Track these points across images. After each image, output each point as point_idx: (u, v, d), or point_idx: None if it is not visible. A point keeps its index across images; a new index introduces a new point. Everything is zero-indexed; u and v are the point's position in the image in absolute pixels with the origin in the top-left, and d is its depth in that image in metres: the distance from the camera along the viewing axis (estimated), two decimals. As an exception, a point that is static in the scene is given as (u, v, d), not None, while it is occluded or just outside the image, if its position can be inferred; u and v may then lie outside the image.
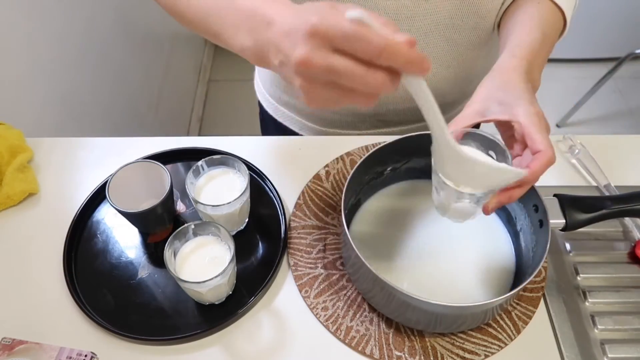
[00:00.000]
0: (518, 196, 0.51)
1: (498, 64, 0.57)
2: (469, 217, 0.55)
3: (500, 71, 0.55)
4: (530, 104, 0.51)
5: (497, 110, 0.52)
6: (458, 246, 0.65)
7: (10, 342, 0.55)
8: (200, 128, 1.98)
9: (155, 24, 1.55)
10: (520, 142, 0.53)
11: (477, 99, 0.54)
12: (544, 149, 0.49)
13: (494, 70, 0.56)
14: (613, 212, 0.58)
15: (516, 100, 0.52)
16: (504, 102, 0.52)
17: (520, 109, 0.51)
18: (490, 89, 0.54)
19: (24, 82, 0.89)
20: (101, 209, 0.70)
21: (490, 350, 0.58)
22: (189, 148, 0.75)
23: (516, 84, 0.53)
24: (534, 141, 0.49)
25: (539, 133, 0.49)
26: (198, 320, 0.60)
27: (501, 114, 0.52)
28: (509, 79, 0.54)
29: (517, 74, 0.54)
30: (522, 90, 0.53)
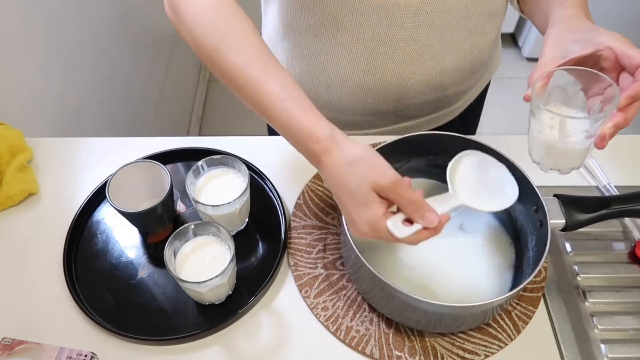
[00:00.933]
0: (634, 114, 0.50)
1: (557, 16, 0.58)
2: (580, 159, 0.54)
3: (562, 20, 0.56)
4: (610, 31, 0.52)
5: (577, 48, 0.52)
6: (458, 246, 0.65)
7: (10, 342, 0.55)
8: (200, 128, 1.98)
9: (155, 24, 1.55)
10: (612, 70, 0.52)
11: (550, 47, 0.54)
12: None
13: (555, 23, 0.57)
14: (613, 213, 0.58)
15: (593, 33, 0.52)
16: (581, 39, 0.53)
17: (604, 37, 0.51)
18: (560, 35, 0.55)
19: (24, 82, 0.89)
20: (101, 209, 0.70)
21: (490, 350, 0.58)
22: (189, 148, 0.75)
23: (585, 23, 0.55)
24: (631, 57, 0.50)
25: (633, 49, 0.50)
26: (198, 320, 0.60)
27: (584, 49, 0.52)
28: (575, 22, 0.55)
29: (580, 17, 0.56)
30: (594, 25, 0.54)
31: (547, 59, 0.53)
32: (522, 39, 2.24)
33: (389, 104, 0.77)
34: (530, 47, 2.18)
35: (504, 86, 1.99)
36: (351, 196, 0.49)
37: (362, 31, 0.67)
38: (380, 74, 0.72)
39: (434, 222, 0.48)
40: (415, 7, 0.64)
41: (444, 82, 0.75)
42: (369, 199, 0.48)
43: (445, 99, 0.80)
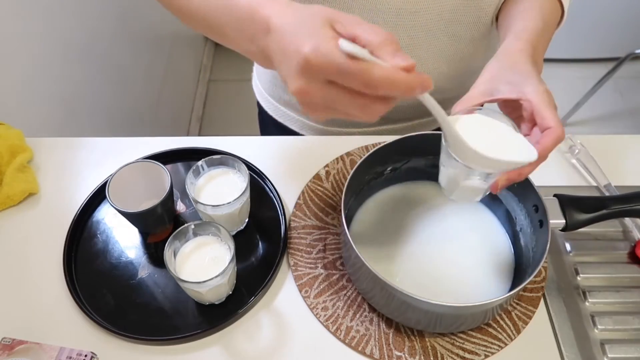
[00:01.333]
0: (528, 173, 0.51)
1: (504, 47, 0.57)
2: (477, 195, 0.55)
3: (506, 54, 0.56)
4: (539, 82, 0.52)
5: (506, 89, 0.52)
6: (458, 246, 0.65)
7: (10, 342, 0.55)
8: (200, 128, 1.98)
9: (155, 24, 1.55)
10: (528, 121, 0.52)
11: (484, 80, 0.54)
12: (554, 125, 0.49)
13: (499, 54, 0.56)
14: (613, 212, 0.58)
15: (525, 80, 0.52)
16: (512, 82, 0.52)
17: (529, 87, 0.51)
18: (497, 70, 0.54)
19: (24, 82, 0.89)
20: (101, 209, 0.70)
21: (490, 350, 0.58)
22: (189, 148, 0.75)
23: (523, 65, 0.54)
24: (544, 118, 0.49)
25: (548, 110, 0.50)
26: (198, 320, 0.60)
27: (509, 93, 0.52)
28: (516, 60, 0.55)
29: (523, 55, 0.55)
30: (530, 71, 0.53)
31: (475, 93, 0.53)
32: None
33: None
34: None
35: (504, 86, 1.99)
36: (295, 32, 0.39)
37: None
38: None
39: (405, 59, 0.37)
40: (397, 6, 0.64)
41: None
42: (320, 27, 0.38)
43: None
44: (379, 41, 0.37)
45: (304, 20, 0.39)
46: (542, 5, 0.63)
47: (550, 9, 0.63)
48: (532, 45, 0.56)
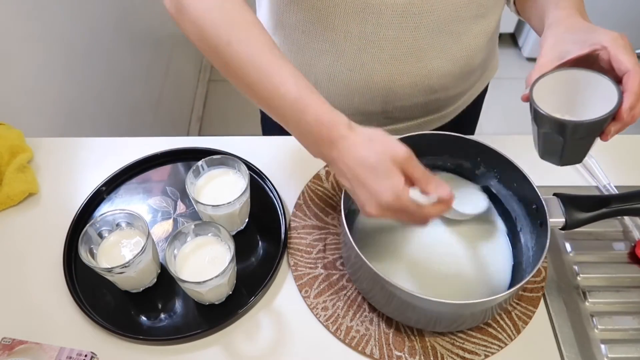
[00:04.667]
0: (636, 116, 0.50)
1: (553, 18, 0.58)
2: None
3: (559, 21, 0.56)
4: (608, 31, 0.52)
5: (576, 48, 0.52)
6: (458, 245, 0.65)
7: (10, 342, 0.55)
8: (200, 128, 1.98)
9: (155, 24, 1.55)
10: (609, 69, 0.52)
11: (548, 48, 0.54)
12: (631, 68, 0.49)
13: (552, 24, 0.57)
14: (613, 211, 0.58)
15: (591, 33, 0.52)
16: (579, 39, 0.52)
17: (601, 36, 0.51)
18: (557, 36, 0.55)
19: (24, 82, 0.89)
20: (101, 208, 0.70)
21: (490, 350, 0.58)
22: (189, 148, 0.75)
23: (582, 23, 0.55)
24: (620, 62, 0.49)
25: (624, 54, 0.50)
26: (198, 320, 0.60)
27: (581, 50, 0.52)
28: (572, 23, 0.55)
29: (576, 18, 0.56)
30: (591, 25, 0.54)
31: (546, 60, 0.53)
32: (522, 39, 2.24)
33: (377, 104, 0.77)
34: (530, 47, 2.18)
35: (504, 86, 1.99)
36: (372, 170, 0.49)
37: (349, 29, 0.67)
38: (367, 73, 0.72)
39: (447, 191, 0.50)
40: (402, 8, 0.64)
41: (433, 85, 0.75)
42: (392, 170, 0.49)
43: (435, 103, 0.79)
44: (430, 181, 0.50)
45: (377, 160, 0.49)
46: None
47: None
48: (577, 9, 0.58)
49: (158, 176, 0.74)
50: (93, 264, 0.56)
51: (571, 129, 0.50)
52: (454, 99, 0.83)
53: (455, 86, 0.78)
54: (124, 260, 0.57)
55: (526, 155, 0.61)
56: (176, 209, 0.70)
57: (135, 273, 0.58)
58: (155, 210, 0.70)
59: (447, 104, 0.82)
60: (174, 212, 0.70)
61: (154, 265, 0.61)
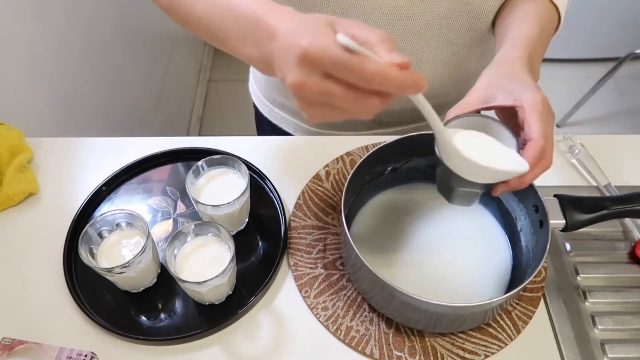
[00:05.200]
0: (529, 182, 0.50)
1: (500, 55, 0.57)
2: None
3: (503, 61, 0.56)
4: (536, 90, 0.51)
5: (502, 97, 0.52)
6: (458, 246, 0.65)
7: (10, 342, 0.55)
8: (200, 128, 1.98)
9: (155, 24, 1.55)
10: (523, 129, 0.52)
11: (480, 87, 0.54)
12: (536, 137, 0.48)
13: (496, 61, 0.56)
14: (613, 213, 0.58)
15: (522, 88, 0.52)
16: (509, 89, 0.52)
17: (526, 95, 0.51)
18: (494, 77, 0.54)
19: (24, 82, 0.89)
20: (101, 208, 0.70)
21: (490, 350, 0.58)
22: (189, 148, 0.75)
23: (520, 73, 0.54)
24: (530, 127, 0.49)
25: (537, 121, 0.49)
26: (198, 320, 0.60)
27: (505, 101, 0.52)
28: (513, 69, 0.54)
29: (520, 63, 0.55)
30: (527, 79, 0.53)
31: (472, 99, 0.53)
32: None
33: None
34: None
35: (504, 86, 1.99)
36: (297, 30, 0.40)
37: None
38: None
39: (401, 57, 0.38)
40: (390, 11, 0.64)
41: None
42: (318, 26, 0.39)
43: None
44: (376, 39, 0.38)
45: (306, 22, 0.41)
46: (539, 12, 0.62)
47: (546, 16, 0.63)
48: (529, 53, 0.56)
49: (158, 176, 0.74)
50: (93, 264, 0.56)
51: (457, 183, 0.50)
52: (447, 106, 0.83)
53: (447, 93, 0.78)
54: (124, 260, 0.57)
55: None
56: (176, 209, 0.70)
57: (135, 273, 0.58)
58: (155, 210, 0.70)
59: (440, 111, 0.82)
60: (174, 212, 0.70)
61: (154, 265, 0.61)
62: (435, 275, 0.62)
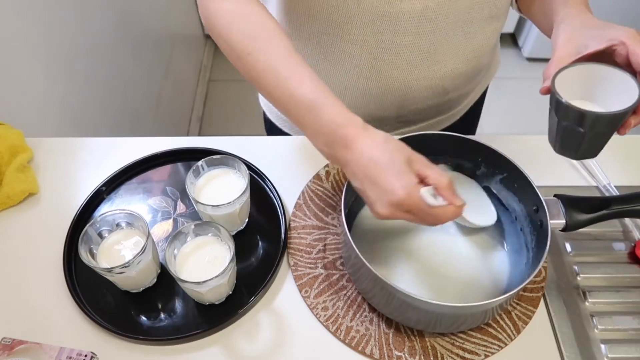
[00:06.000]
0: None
1: (564, 14, 0.58)
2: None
3: (572, 17, 0.57)
4: (624, 27, 0.52)
5: (592, 43, 0.52)
6: (458, 246, 0.65)
7: (10, 342, 0.55)
8: (200, 128, 1.99)
9: (155, 24, 1.55)
10: (625, 65, 0.52)
11: (564, 42, 0.54)
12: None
13: (562, 21, 0.57)
14: (613, 213, 0.58)
15: (608, 29, 0.52)
16: (595, 35, 0.52)
17: (619, 32, 0.51)
18: (573, 30, 0.55)
19: (24, 82, 0.89)
20: (101, 208, 0.70)
21: (490, 350, 0.58)
22: (189, 148, 0.75)
23: (594, 20, 0.55)
24: (638, 55, 0.49)
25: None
26: (198, 320, 0.60)
27: (598, 45, 0.52)
28: (586, 19, 0.55)
29: (588, 15, 0.56)
30: (604, 22, 0.54)
31: (563, 54, 0.53)
32: (522, 39, 2.24)
33: (392, 110, 0.77)
34: (530, 47, 2.18)
35: (504, 86, 1.99)
36: (386, 168, 0.50)
37: (366, 39, 0.67)
38: (384, 81, 0.72)
39: (459, 200, 0.50)
40: (419, 14, 0.64)
41: (446, 87, 0.75)
42: (405, 168, 0.50)
43: (447, 103, 0.79)
44: (444, 184, 0.50)
45: (391, 158, 0.50)
46: None
47: None
48: (585, 5, 0.59)
49: (158, 176, 0.74)
50: (93, 264, 0.56)
51: (593, 120, 0.50)
52: (463, 98, 0.83)
53: (465, 85, 0.79)
54: (124, 260, 0.57)
55: (526, 155, 0.61)
56: (176, 209, 0.70)
57: (135, 273, 0.58)
58: (155, 210, 0.70)
59: (457, 103, 0.82)
60: (174, 212, 0.70)
61: (154, 265, 0.61)
62: (435, 275, 0.62)
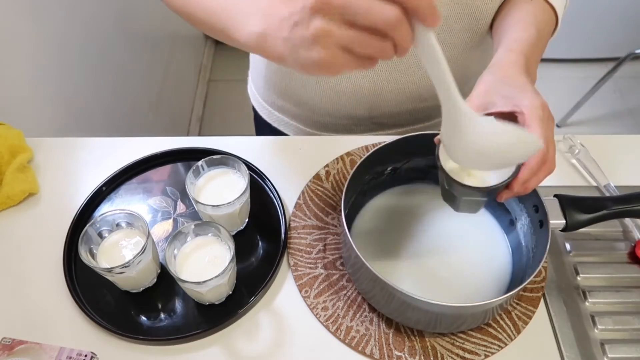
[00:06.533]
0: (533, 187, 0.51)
1: (497, 59, 0.56)
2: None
3: (500, 66, 0.55)
4: (535, 95, 0.51)
5: (500, 103, 0.52)
6: (458, 246, 0.65)
7: (10, 342, 0.55)
8: (200, 128, 1.98)
9: (155, 24, 1.55)
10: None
11: (478, 94, 0.53)
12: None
13: (492, 66, 0.56)
14: (613, 213, 0.58)
15: (520, 93, 0.51)
16: (507, 95, 0.52)
17: (525, 101, 0.51)
18: (491, 83, 0.54)
19: (24, 82, 0.89)
20: (101, 208, 0.70)
21: (490, 350, 0.58)
22: (189, 148, 0.75)
23: (517, 78, 0.53)
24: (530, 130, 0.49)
25: (539, 126, 0.49)
26: (198, 320, 0.60)
27: (504, 107, 0.51)
28: (510, 73, 0.54)
29: (517, 68, 0.54)
30: (525, 83, 0.53)
31: (472, 105, 0.53)
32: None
33: (364, 109, 0.77)
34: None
35: (504, 86, 1.99)
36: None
37: None
38: (354, 79, 0.72)
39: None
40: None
41: (422, 94, 0.74)
42: None
43: (424, 111, 0.79)
44: None
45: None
46: (536, 14, 0.62)
47: (543, 18, 0.63)
48: (525, 56, 0.56)
49: (158, 176, 0.74)
50: (93, 264, 0.56)
51: (461, 193, 0.51)
52: None
53: None
54: (124, 260, 0.57)
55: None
56: (176, 209, 0.70)
57: (135, 273, 0.58)
58: (155, 210, 0.70)
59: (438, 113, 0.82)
60: (174, 212, 0.70)
61: (154, 265, 0.61)
62: (435, 275, 0.62)
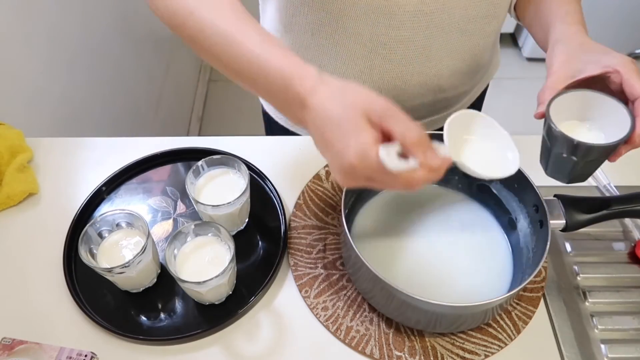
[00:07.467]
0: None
1: (560, 33, 0.58)
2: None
3: (568, 37, 0.56)
4: (620, 54, 0.52)
5: (588, 68, 0.52)
6: (458, 246, 0.65)
7: (10, 342, 0.55)
8: (200, 128, 1.99)
9: (155, 24, 1.54)
10: (618, 93, 0.52)
11: (560, 65, 0.54)
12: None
13: (561, 40, 0.57)
14: (613, 213, 0.58)
15: (605, 55, 0.52)
16: (591, 60, 0.52)
17: (614, 60, 0.51)
18: (569, 53, 0.54)
19: (23, 82, 0.89)
20: (101, 208, 0.70)
21: (490, 350, 0.58)
22: (189, 148, 0.75)
23: (591, 43, 0.54)
24: (633, 87, 0.50)
25: (638, 80, 0.50)
26: (198, 320, 0.60)
27: (593, 70, 0.52)
28: (583, 41, 0.55)
29: (585, 37, 0.56)
30: (601, 46, 0.54)
31: (557, 77, 0.53)
32: (522, 39, 2.24)
33: None
34: (530, 47, 2.18)
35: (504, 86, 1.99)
36: (337, 126, 0.42)
37: (361, 31, 0.67)
38: (377, 75, 0.72)
39: (435, 160, 0.42)
40: (414, 8, 0.64)
41: (442, 84, 0.75)
42: (359, 125, 0.41)
43: (443, 102, 0.79)
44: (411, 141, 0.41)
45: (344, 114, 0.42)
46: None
47: None
48: (582, 25, 0.58)
49: (158, 176, 0.74)
50: (93, 264, 0.56)
51: (586, 151, 0.50)
52: (461, 97, 0.83)
53: (462, 84, 0.78)
54: (124, 260, 0.57)
55: (526, 155, 0.61)
56: (176, 209, 0.70)
57: (135, 273, 0.58)
58: (155, 210, 0.70)
59: (454, 102, 0.82)
60: (174, 212, 0.70)
61: (154, 265, 0.61)
62: (435, 275, 0.62)
